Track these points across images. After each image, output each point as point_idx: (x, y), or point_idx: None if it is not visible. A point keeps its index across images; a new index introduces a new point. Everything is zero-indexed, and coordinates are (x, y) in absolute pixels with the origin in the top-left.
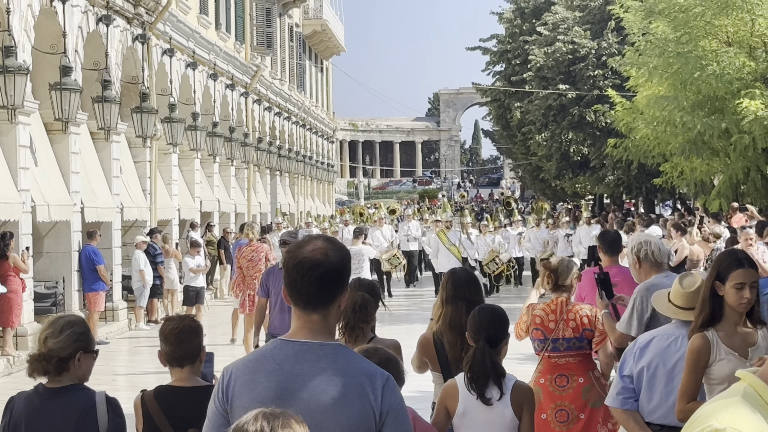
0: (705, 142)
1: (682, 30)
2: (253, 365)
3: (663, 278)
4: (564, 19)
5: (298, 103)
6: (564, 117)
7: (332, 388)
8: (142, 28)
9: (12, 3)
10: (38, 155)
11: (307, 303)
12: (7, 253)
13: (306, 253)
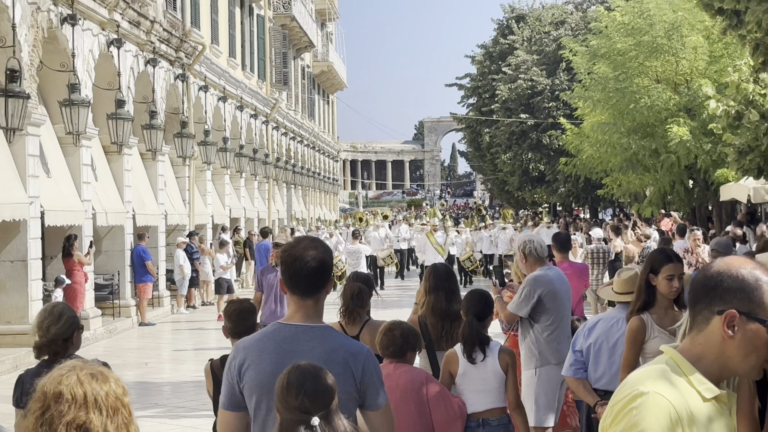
0: (639, 161)
1: (619, 70)
2: (259, 345)
3: (546, 270)
4: (524, 61)
5: (309, 129)
6: (524, 140)
7: (322, 359)
8: (182, 69)
9: (77, 48)
10: (98, 172)
11: (303, 291)
12: (72, 252)
13: (301, 251)
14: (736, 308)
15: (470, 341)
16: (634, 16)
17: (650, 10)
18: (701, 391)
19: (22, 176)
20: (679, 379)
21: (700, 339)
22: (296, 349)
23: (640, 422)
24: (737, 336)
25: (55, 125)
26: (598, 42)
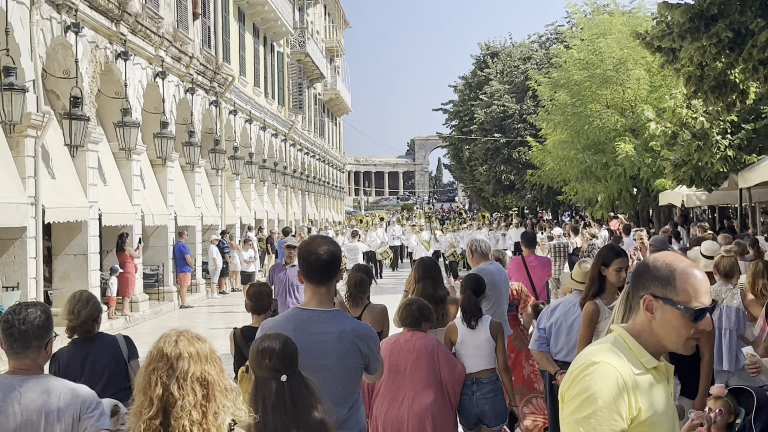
0: (591, 172)
1: (576, 97)
2: (281, 326)
3: (488, 265)
4: (497, 90)
5: (320, 146)
6: (498, 155)
7: (333, 341)
8: (215, 96)
9: (128, 79)
10: (145, 181)
11: (318, 280)
12: (124, 247)
13: (315, 247)
14: (653, 293)
15: (469, 311)
16: (588, 53)
17: (601, 48)
18: (643, 362)
19: (83, 185)
20: (624, 352)
21: (637, 319)
22: (312, 330)
23: (592, 386)
24: (657, 317)
25: (110, 142)
26: (559, 74)
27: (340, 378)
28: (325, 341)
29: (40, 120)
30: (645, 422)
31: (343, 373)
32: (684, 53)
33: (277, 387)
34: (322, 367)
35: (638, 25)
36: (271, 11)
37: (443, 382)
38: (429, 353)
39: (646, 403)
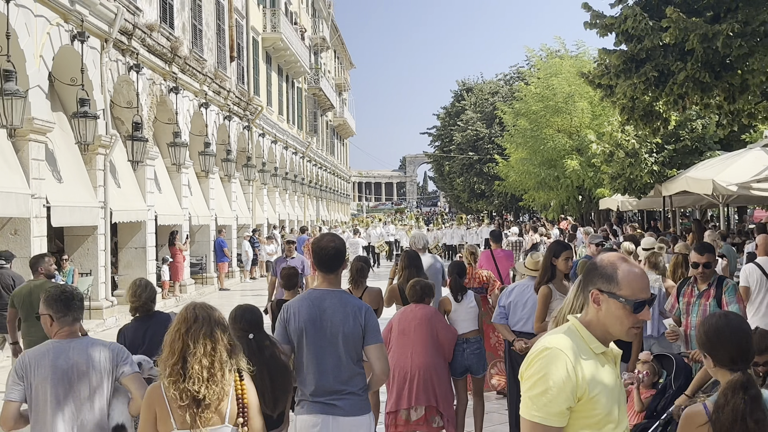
0: (546, 183)
1: (533, 124)
2: (299, 303)
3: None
4: (471, 118)
5: (330, 162)
6: (471, 170)
7: (339, 313)
8: (248, 122)
9: (178, 108)
10: (192, 190)
11: (327, 268)
12: (174, 242)
13: (325, 243)
14: (599, 288)
15: (455, 288)
16: (543, 89)
17: (553, 84)
18: (592, 348)
19: (142, 192)
20: (576, 339)
21: (588, 311)
22: (323, 305)
23: (544, 368)
24: (603, 309)
25: (164, 159)
26: (520, 105)
27: (343, 340)
28: (332, 313)
29: (108, 141)
30: (592, 399)
31: (346, 337)
32: (619, 89)
33: (248, 342)
34: (330, 332)
35: (582, 67)
36: (292, 55)
37: (440, 341)
38: (428, 320)
39: (593, 383)
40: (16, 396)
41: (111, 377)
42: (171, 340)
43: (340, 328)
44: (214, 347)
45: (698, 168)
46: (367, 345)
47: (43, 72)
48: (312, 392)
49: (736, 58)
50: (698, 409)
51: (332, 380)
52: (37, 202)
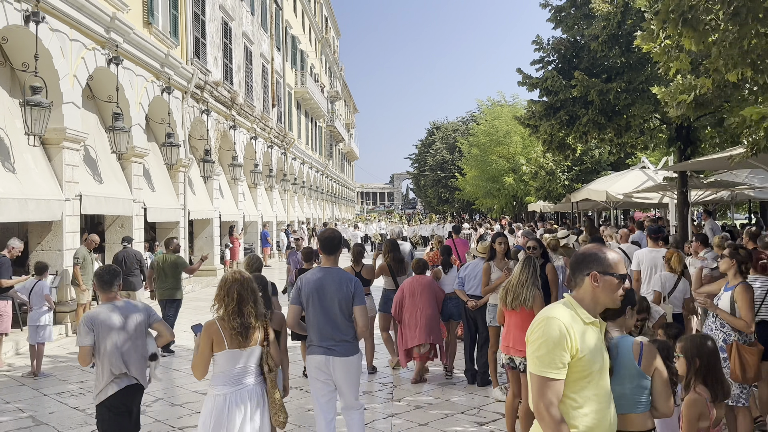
0: (491, 193)
1: (482, 152)
2: (308, 276)
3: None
4: (439, 147)
5: (342, 178)
6: (439, 184)
7: (335, 284)
8: (284, 150)
9: (236, 140)
10: (245, 197)
11: (329, 252)
12: (232, 233)
13: (328, 234)
14: (596, 270)
15: (444, 264)
16: (489, 127)
17: (496, 124)
18: (582, 318)
19: (210, 198)
20: (570, 311)
21: (581, 291)
22: (325, 278)
23: (545, 333)
24: (600, 285)
25: (226, 175)
26: (473, 139)
27: (338, 303)
28: (331, 283)
29: (187, 162)
30: (582, 359)
31: (340, 301)
32: (541, 128)
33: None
34: (329, 297)
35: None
36: (315, 103)
37: (436, 299)
38: (429, 285)
39: (583, 345)
40: (89, 341)
41: (145, 324)
42: (227, 294)
43: (336, 294)
44: (255, 299)
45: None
46: (355, 306)
47: (142, 114)
48: (318, 339)
49: (622, 107)
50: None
51: (331, 331)
52: (137, 205)
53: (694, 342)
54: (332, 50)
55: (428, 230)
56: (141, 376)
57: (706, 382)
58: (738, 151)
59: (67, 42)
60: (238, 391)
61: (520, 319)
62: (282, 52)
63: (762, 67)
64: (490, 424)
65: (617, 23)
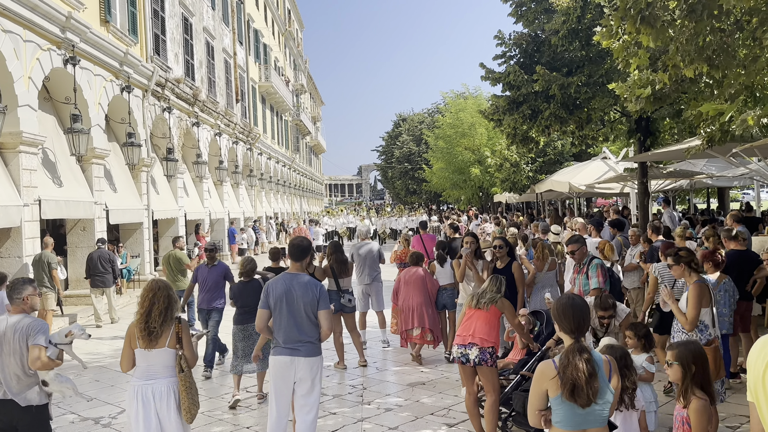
0: (457, 185)
1: (448, 144)
2: (277, 281)
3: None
4: (406, 139)
5: (309, 171)
6: (407, 175)
7: (302, 288)
8: (250, 145)
9: (199, 137)
10: (210, 194)
11: (295, 258)
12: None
13: (297, 241)
14: None
15: (440, 258)
16: (454, 119)
17: (461, 117)
18: None
19: (175, 197)
20: None
21: None
22: (292, 283)
23: None
24: None
25: (190, 173)
26: (439, 131)
27: (304, 306)
28: (297, 288)
29: (149, 161)
30: None
31: (306, 304)
32: (505, 122)
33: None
34: (296, 301)
35: (480, 105)
36: (280, 97)
37: (429, 289)
38: (421, 276)
39: None
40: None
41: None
42: (143, 299)
43: (302, 299)
44: (168, 306)
45: (559, 174)
46: (319, 310)
47: (101, 114)
48: (283, 341)
49: (583, 100)
50: (549, 364)
51: (297, 333)
52: (99, 207)
53: (689, 348)
54: (296, 43)
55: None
56: (18, 394)
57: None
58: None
59: (20, 43)
60: (147, 385)
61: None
62: (245, 47)
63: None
64: (460, 425)
65: (577, 18)
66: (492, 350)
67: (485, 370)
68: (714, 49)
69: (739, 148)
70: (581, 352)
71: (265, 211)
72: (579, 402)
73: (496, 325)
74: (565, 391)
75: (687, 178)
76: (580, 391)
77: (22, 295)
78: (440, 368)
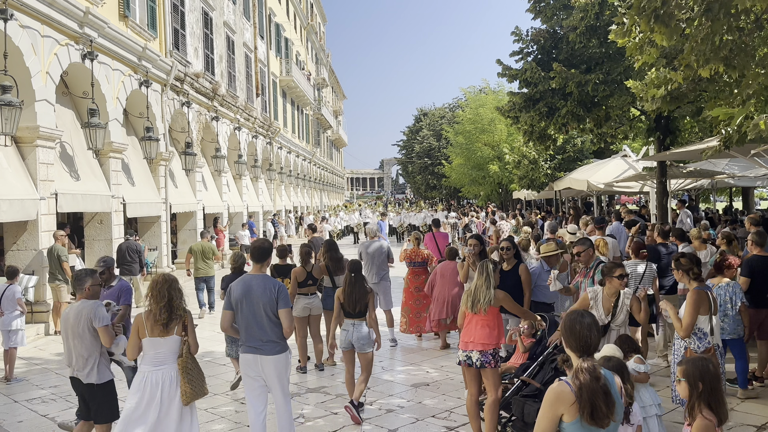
0: (476, 181)
1: (468, 139)
2: (237, 283)
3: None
4: (426, 134)
5: (330, 165)
6: (427, 170)
7: (261, 289)
8: (270, 140)
9: (219, 132)
10: (230, 188)
11: (257, 260)
12: (216, 225)
13: (258, 244)
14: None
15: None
16: (474, 115)
17: (481, 112)
18: None
19: (193, 191)
20: None
21: None
22: (252, 284)
23: None
24: None
25: (209, 167)
26: (458, 127)
27: (263, 306)
28: (257, 288)
29: (167, 155)
30: None
31: (266, 304)
32: (522, 119)
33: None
34: (255, 301)
35: (499, 102)
36: (301, 91)
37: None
38: (453, 269)
39: None
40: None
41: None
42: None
43: (261, 299)
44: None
45: (578, 171)
46: (279, 309)
47: (119, 109)
48: (246, 339)
49: (601, 98)
50: (564, 388)
51: (258, 332)
52: (116, 201)
53: (696, 365)
54: (318, 37)
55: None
56: (80, 371)
57: (710, 406)
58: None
59: (38, 38)
60: (157, 370)
61: (483, 317)
62: (266, 41)
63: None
64: (460, 428)
65: (595, 14)
66: (494, 351)
67: (488, 371)
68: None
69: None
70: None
71: (285, 204)
72: (600, 424)
73: (497, 324)
74: (585, 415)
75: (707, 178)
76: (599, 413)
77: (84, 285)
78: (445, 369)
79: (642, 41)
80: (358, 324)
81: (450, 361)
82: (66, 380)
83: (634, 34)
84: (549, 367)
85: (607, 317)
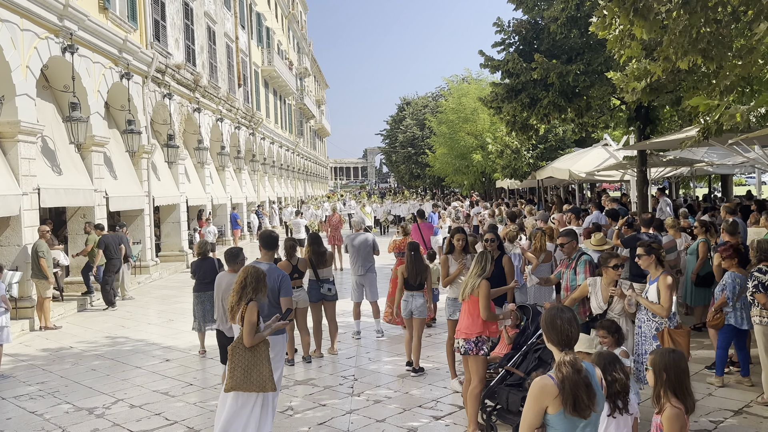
0: (460, 170)
1: (451, 129)
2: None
3: (356, 234)
4: (409, 124)
5: (313, 155)
6: (410, 160)
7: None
8: (253, 130)
9: (201, 123)
10: (213, 179)
11: (266, 248)
12: (200, 217)
13: (267, 233)
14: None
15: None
16: (457, 104)
17: (463, 102)
18: None
19: (176, 183)
20: None
21: None
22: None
23: None
24: None
25: (191, 159)
26: (441, 116)
27: (269, 293)
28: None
29: (150, 148)
30: None
31: (271, 291)
32: (504, 110)
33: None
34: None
35: (481, 91)
36: (283, 81)
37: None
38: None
39: None
40: None
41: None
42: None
43: (269, 285)
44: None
45: (559, 161)
46: (281, 297)
47: (101, 102)
48: None
49: (582, 88)
50: (548, 381)
51: (265, 315)
52: (99, 195)
53: (663, 356)
54: (300, 26)
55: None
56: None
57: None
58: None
59: (18, 32)
60: None
61: (467, 305)
62: (247, 31)
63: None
64: (446, 417)
65: (575, 5)
66: (477, 339)
67: (470, 359)
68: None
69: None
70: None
71: (268, 195)
72: (582, 415)
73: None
74: (567, 407)
75: (687, 166)
76: (581, 404)
77: (236, 261)
78: (432, 359)
79: (622, 34)
80: (417, 295)
81: (436, 351)
82: (53, 376)
83: (614, 27)
84: (532, 356)
85: (605, 306)
